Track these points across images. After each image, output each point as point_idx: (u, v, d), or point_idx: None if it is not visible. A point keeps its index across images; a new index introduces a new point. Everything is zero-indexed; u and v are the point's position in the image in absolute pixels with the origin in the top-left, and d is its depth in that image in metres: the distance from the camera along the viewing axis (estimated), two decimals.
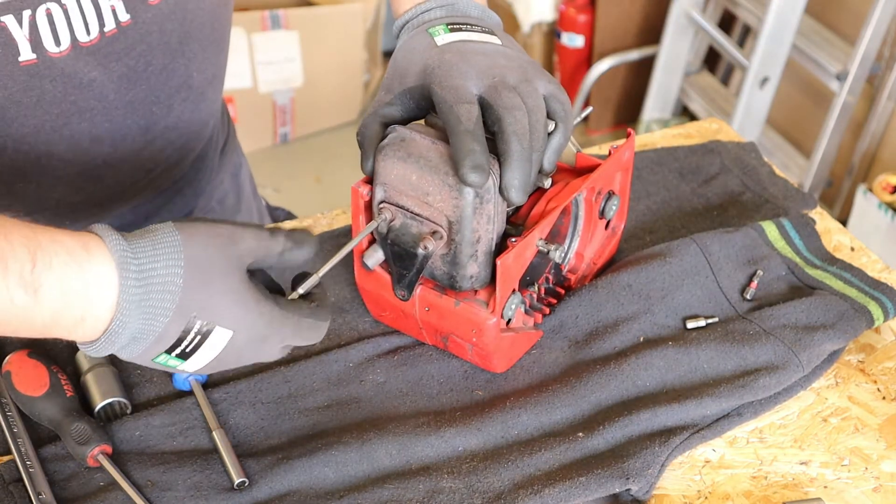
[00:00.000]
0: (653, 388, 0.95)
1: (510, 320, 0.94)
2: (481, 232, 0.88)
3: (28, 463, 0.86)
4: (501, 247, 0.91)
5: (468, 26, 0.92)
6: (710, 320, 1.01)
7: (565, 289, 1.04)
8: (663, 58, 2.96)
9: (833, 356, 1.00)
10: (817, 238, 1.10)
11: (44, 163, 0.98)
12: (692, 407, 0.92)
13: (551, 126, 0.88)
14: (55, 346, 0.98)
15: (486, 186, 0.85)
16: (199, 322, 0.74)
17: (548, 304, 1.02)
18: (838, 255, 1.11)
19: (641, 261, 1.04)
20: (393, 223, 0.90)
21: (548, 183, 0.92)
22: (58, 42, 0.91)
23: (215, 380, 0.96)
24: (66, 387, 0.91)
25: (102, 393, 0.92)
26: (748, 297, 1.03)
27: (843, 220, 2.65)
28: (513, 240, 0.89)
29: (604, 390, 0.94)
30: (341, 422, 0.92)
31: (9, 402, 0.92)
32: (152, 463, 0.88)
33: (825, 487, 0.89)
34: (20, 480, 0.86)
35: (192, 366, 0.78)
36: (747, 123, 2.72)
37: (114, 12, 0.93)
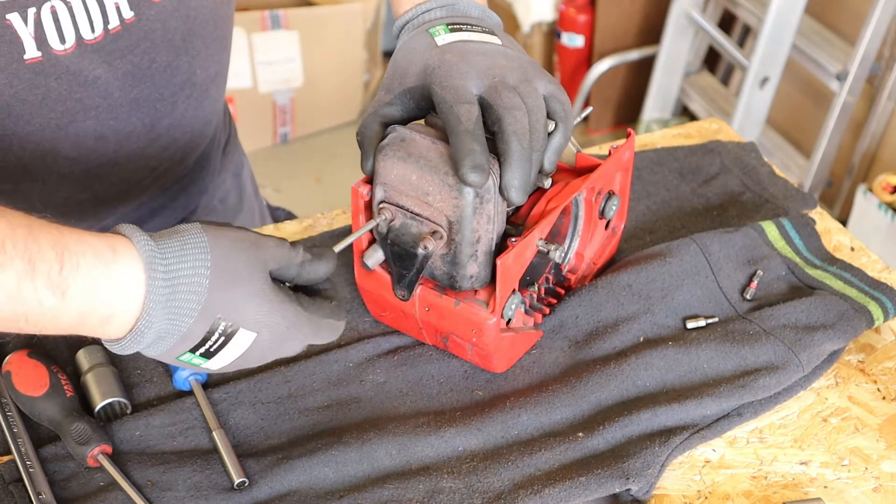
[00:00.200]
0: (653, 388, 0.95)
1: (510, 320, 0.94)
2: (481, 232, 0.88)
3: (28, 463, 0.86)
4: (501, 247, 0.91)
5: (468, 26, 0.92)
6: (710, 320, 1.01)
7: (565, 289, 1.04)
8: (663, 58, 2.96)
9: (833, 356, 1.00)
10: (817, 238, 1.10)
11: (49, 161, 0.99)
12: (692, 407, 0.92)
13: (551, 126, 0.88)
14: (55, 346, 0.98)
15: (486, 186, 0.85)
16: (224, 323, 0.75)
17: (548, 304, 1.02)
18: (838, 255, 1.11)
19: (641, 261, 1.04)
20: (393, 223, 0.90)
21: (548, 183, 0.92)
22: (63, 40, 0.91)
23: (215, 380, 0.96)
24: (66, 387, 0.91)
25: (102, 393, 0.92)
26: (748, 297, 1.03)
27: (843, 220, 2.65)
28: (513, 240, 0.89)
29: (604, 390, 0.94)
30: (341, 422, 0.92)
31: (9, 402, 0.92)
32: (152, 463, 0.88)
33: (825, 487, 0.89)
34: (20, 480, 0.86)
35: (216, 364, 0.79)
36: (747, 123, 2.72)
37: (118, 10, 0.93)
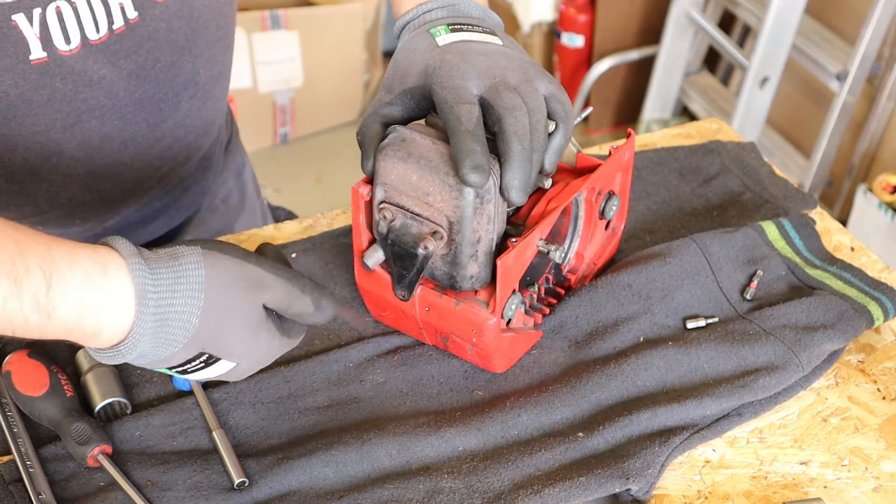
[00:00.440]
0: (653, 388, 0.95)
1: (510, 320, 0.94)
2: (481, 232, 0.88)
3: (28, 463, 0.86)
4: (502, 247, 0.91)
5: (469, 27, 0.92)
6: (710, 320, 1.01)
7: (565, 289, 1.04)
8: (663, 58, 2.96)
9: (833, 356, 1.00)
10: (817, 238, 1.10)
11: (55, 162, 0.99)
12: (692, 407, 0.92)
13: (552, 126, 0.88)
14: (55, 346, 0.98)
15: (487, 187, 0.85)
16: (207, 354, 0.78)
17: (548, 305, 1.02)
18: (838, 255, 1.11)
19: (641, 261, 1.04)
20: (393, 223, 0.90)
21: (548, 183, 0.92)
22: (68, 40, 0.91)
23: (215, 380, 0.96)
24: (66, 387, 0.91)
25: (102, 393, 0.92)
26: (748, 297, 1.03)
27: (843, 220, 2.65)
28: (513, 240, 0.89)
29: (604, 390, 0.94)
30: (341, 422, 0.92)
31: (9, 402, 0.92)
32: (152, 463, 0.88)
33: (825, 487, 0.89)
34: (20, 480, 0.86)
35: (193, 379, 0.84)
36: (747, 123, 2.72)
37: (122, 10, 0.94)
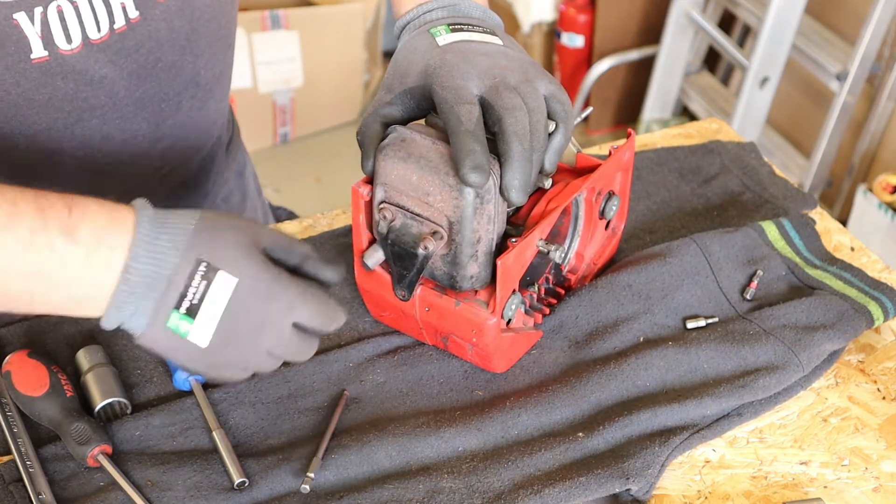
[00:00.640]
0: (653, 388, 0.95)
1: (510, 320, 0.94)
2: (482, 232, 0.88)
3: (28, 463, 0.86)
4: (502, 247, 0.91)
5: (470, 27, 0.92)
6: (710, 320, 1.01)
7: (565, 289, 1.04)
8: (663, 58, 2.96)
9: (833, 356, 1.00)
10: (817, 238, 1.10)
11: (56, 161, 0.99)
12: (692, 407, 0.92)
13: (552, 126, 0.88)
14: (55, 346, 0.98)
15: (487, 187, 0.85)
16: (205, 264, 0.77)
17: (548, 305, 1.02)
18: (838, 255, 1.11)
19: (641, 261, 1.04)
20: (393, 223, 0.90)
21: (548, 183, 0.92)
22: (69, 39, 0.91)
23: None
24: (66, 387, 0.91)
25: (102, 393, 0.92)
26: (748, 297, 1.03)
27: (843, 220, 2.65)
28: (513, 240, 0.89)
29: (604, 390, 0.94)
30: (341, 422, 0.92)
31: (9, 402, 0.92)
32: (152, 463, 0.88)
33: (825, 487, 0.89)
34: (20, 480, 0.86)
35: (202, 330, 0.78)
36: (747, 123, 2.72)
37: (124, 9, 0.94)
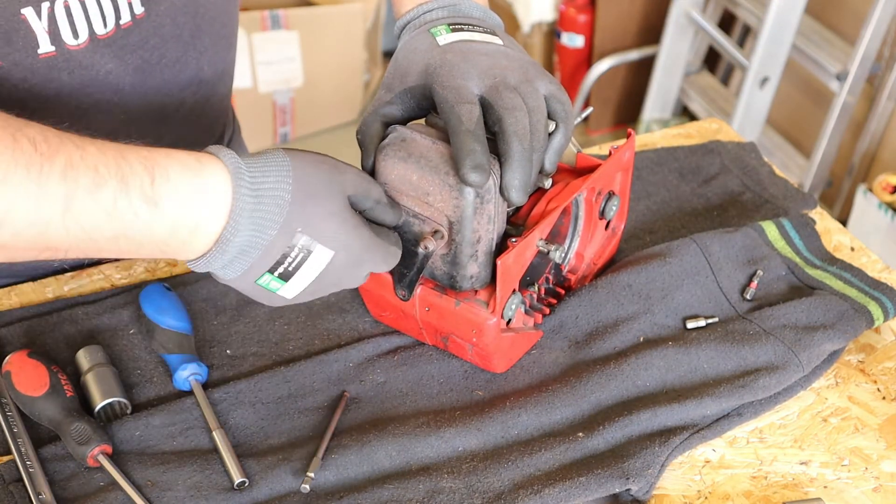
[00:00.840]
0: (653, 388, 0.95)
1: (510, 320, 0.94)
2: (482, 232, 0.88)
3: (28, 463, 0.86)
4: (502, 247, 0.91)
5: (470, 27, 0.92)
6: (710, 320, 1.01)
7: (565, 289, 1.04)
8: (663, 58, 2.96)
9: (833, 356, 1.00)
10: (817, 238, 1.10)
11: None
12: (692, 407, 0.92)
13: (552, 126, 0.88)
14: (55, 346, 0.98)
15: (487, 186, 0.85)
16: (304, 238, 0.78)
17: (548, 305, 1.02)
18: (838, 255, 1.11)
19: (641, 261, 1.04)
20: None
21: (548, 183, 0.92)
22: (76, 34, 0.92)
23: (215, 380, 0.96)
24: (66, 387, 0.91)
25: (102, 393, 0.92)
26: (748, 297, 1.03)
27: (843, 220, 2.65)
28: (513, 240, 0.89)
29: (604, 390, 0.94)
30: (341, 422, 0.92)
31: (9, 402, 0.92)
32: (152, 463, 0.88)
33: (825, 487, 0.89)
34: (20, 480, 0.86)
35: (291, 290, 0.82)
36: (747, 123, 2.72)
37: (129, 5, 0.95)
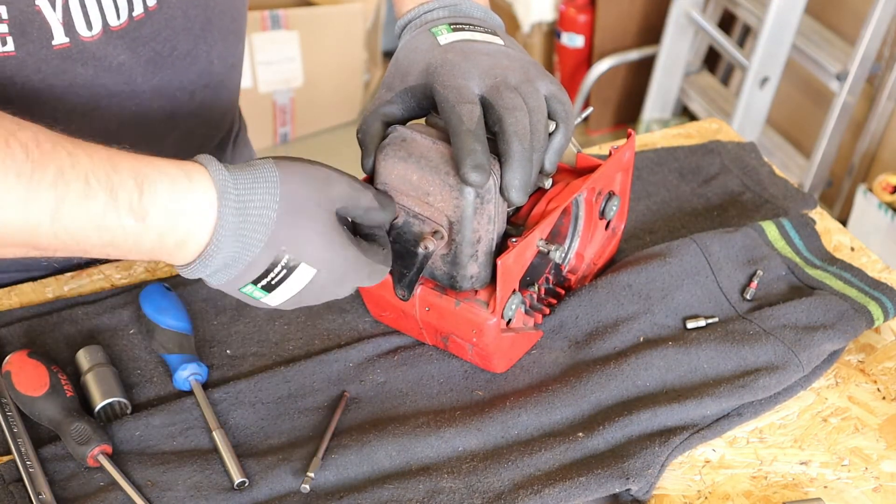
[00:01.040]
0: (653, 388, 0.95)
1: (510, 320, 0.94)
2: (482, 232, 0.88)
3: (28, 463, 0.86)
4: (502, 247, 0.91)
5: (471, 27, 0.92)
6: (710, 320, 1.01)
7: (565, 289, 1.04)
8: (663, 58, 2.96)
9: (833, 356, 1.00)
10: (817, 238, 1.10)
11: None
12: (692, 407, 0.92)
13: (552, 126, 0.88)
14: (55, 346, 0.98)
15: (487, 186, 0.85)
16: (287, 256, 0.79)
17: (548, 305, 1.02)
18: (838, 255, 1.11)
19: (641, 261, 1.04)
20: (396, 220, 0.90)
21: (548, 183, 0.92)
22: (90, 26, 0.92)
23: (215, 380, 0.96)
24: (66, 387, 0.91)
25: (102, 393, 0.92)
26: (748, 297, 1.03)
27: (843, 220, 2.65)
28: (513, 240, 0.89)
29: (604, 390, 0.94)
30: (341, 422, 0.92)
31: (9, 402, 0.92)
32: (152, 463, 0.88)
33: (825, 487, 0.89)
34: (20, 480, 0.86)
35: (275, 300, 0.83)
36: (747, 123, 2.72)
37: None
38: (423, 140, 0.88)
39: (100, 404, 0.91)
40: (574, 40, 3.06)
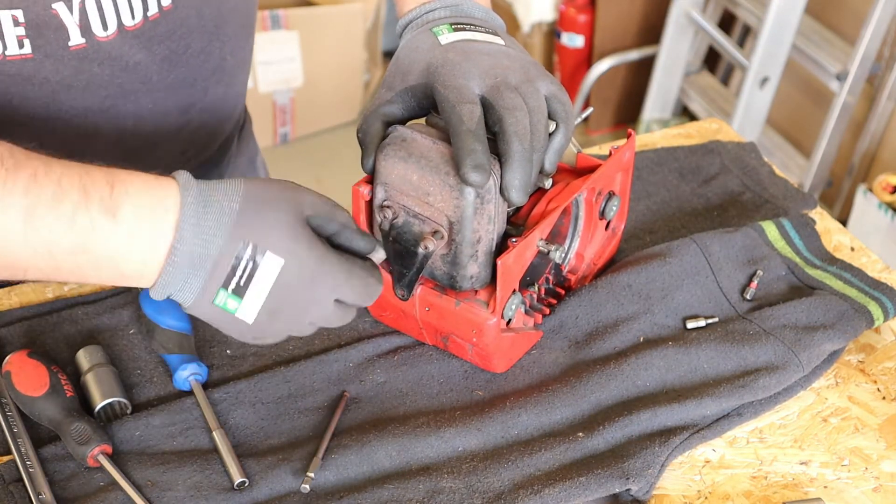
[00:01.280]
0: (653, 388, 0.95)
1: (510, 320, 0.94)
2: (482, 232, 0.88)
3: (28, 463, 0.86)
4: (502, 247, 0.91)
5: (472, 27, 0.92)
6: (710, 320, 1.01)
7: (565, 289, 1.04)
8: (663, 58, 2.96)
9: (833, 356, 1.00)
10: (817, 238, 1.10)
11: (90, 142, 1.01)
12: (692, 407, 0.92)
13: (552, 126, 0.89)
14: (55, 346, 0.98)
15: (487, 186, 0.85)
16: (251, 246, 0.78)
17: (548, 305, 1.02)
18: (838, 255, 1.11)
19: (641, 261, 1.04)
20: (396, 220, 0.90)
21: (548, 183, 0.92)
22: (105, 26, 0.93)
23: (215, 380, 0.96)
24: (66, 387, 0.91)
25: (102, 393, 0.92)
26: (748, 297, 1.03)
27: (843, 220, 2.65)
28: (513, 240, 0.89)
29: (604, 390, 0.94)
30: (341, 422, 0.92)
31: (9, 402, 0.92)
32: (152, 463, 0.88)
33: (825, 487, 0.89)
34: (20, 480, 0.86)
35: (248, 309, 0.80)
36: (747, 123, 2.72)
37: None
38: (424, 140, 0.88)
39: (100, 404, 0.91)
40: (574, 40, 3.06)
